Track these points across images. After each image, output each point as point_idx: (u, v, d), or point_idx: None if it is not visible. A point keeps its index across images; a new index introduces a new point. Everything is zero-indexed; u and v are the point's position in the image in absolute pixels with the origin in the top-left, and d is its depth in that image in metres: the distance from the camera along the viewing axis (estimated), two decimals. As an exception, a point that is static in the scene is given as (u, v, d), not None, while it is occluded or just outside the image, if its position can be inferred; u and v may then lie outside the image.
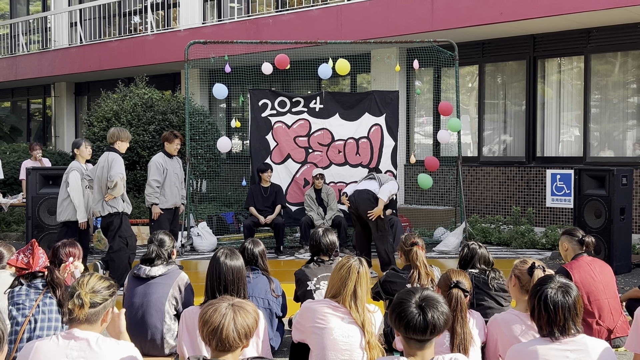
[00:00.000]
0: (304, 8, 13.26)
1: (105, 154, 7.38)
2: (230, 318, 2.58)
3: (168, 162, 8.62)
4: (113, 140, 7.43)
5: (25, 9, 21.11)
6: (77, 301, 3.00)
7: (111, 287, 3.16)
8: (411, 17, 11.42)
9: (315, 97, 10.78)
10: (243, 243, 4.96)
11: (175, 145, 8.63)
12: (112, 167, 7.17)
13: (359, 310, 3.82)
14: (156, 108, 12.41)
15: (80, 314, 3.01)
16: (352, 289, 3.83)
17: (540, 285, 3.17)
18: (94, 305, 3.04)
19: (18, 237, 11.41)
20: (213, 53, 10.64)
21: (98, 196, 7.35)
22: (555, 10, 9.99)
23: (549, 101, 11.77)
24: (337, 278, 3.90)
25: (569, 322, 3.06)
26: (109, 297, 3.12)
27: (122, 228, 7.34)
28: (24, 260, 4.07)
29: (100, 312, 3.07)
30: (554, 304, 3.06)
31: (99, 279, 3.13)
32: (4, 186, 12.93)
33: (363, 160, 10.80)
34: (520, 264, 4.06)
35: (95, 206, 7.40)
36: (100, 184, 7.29)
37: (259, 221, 9.92)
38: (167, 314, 4.57)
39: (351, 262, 3.90)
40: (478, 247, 4.71)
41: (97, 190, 7.36)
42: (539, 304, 3.10)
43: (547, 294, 3.09)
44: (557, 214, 11.18)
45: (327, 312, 3.84)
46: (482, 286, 4.56)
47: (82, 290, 3.03)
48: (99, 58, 16.15)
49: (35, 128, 21.17)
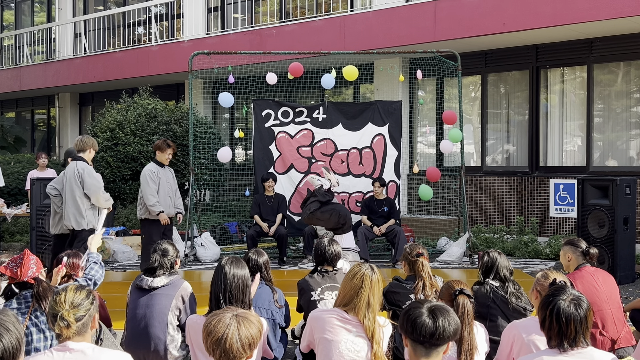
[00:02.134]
0: (307, 19, 13.32)
1: (73, 163, 7.21)
2: (234, 328, 2.58)
3: (160, 171, 8.32)
4: (81, 148, 7.28)
5: (30, 20, 21.22)
6: (63, 323, 3.01)
7: (90, 295, 3.16)
8: (414, 28, 11.46)
9: (319, 107, 10.81)
10: (247, 253, 4.97)
11: (167, 155, 8.33)
12: (86, 181, 7.06)
13: (371, 318, 3.80)
14: (160, 118, 12.45)
15: (69, 332, 3.02)
16: (366, 298, 3.81)
17: (552, 297, 3.14)
18: (79, 319, 3.05)
19: (22, 247, 11.42)
20: (217, 64, 10.68)
21: (70, 207, 7.11)
22: (557, 20, 10.03)
23: (552, 111, 11.79)
24: (349, 287, 3.87)
25: (579, 334, 3.05)
26: (91, 305, 3.12)
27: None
28: (13, 269, 4.04)
29: (87, 321, 3.09)
30: (566, 316, 3.03)
31: (74, 292, 3.12)
32: (7, 196, 12.97)
33: (366, 170, 10.81)
34: (543, 278, 4.03)
35: (67, 218, 7.14)
36: (72, 194, 7.08)
37: (262, 231, 9.92)
38: (170, 324, 4.57)
39: (364, 270, 3.87)
40: (498, 255, 4.67)
41: (69, 201, 7.11)
42: (551, 316, 3.07)
43: (560, 306, 3.06)
44: (560, 224, 11.17)
45: (336, 324, 3.82)
46: (498, 302, 4.51)
47: (62, 310, 3.02)
48: (103, 69, 16.22)
49: (40, 138, 21.24)
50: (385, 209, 10.18)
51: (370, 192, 10.43)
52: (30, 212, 8.80)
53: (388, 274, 9.13)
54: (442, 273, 8.91)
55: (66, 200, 7.16)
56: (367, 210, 10.25)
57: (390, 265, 9.77)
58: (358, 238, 9.84)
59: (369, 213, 10.22)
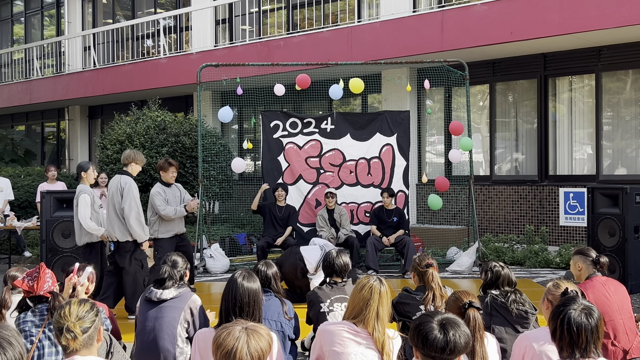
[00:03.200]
0: (314, 30, 13.37)
1: (118, 177, 7.31)
2: (244, 341, 2.58)
3: (167, 192, 8.24)
4: (127, 162, 7.36)
5: (40, 33, 21.40)
6: (69, 335, 3.02)
7: (93, 307, 3.18)
8: (421, 38, 11.48)
9: (327, 118, 10.82)
10: (256, 265, 4.96)
11: (170, 174, 8.21)
12: (125, 197, 7.10)
13: (381, 330, 3.79)
14: (169, 130, 12.50)
15: (75, 345, 3.03)
16: (375, 310, 3.80)
17: (563, 307, 3.12)
18: (85, 331, 3.06)
19: (32, 260, 11.48)
20: (225, 75, 10.73)
21: (114, 219, 7.21)
22: (565, 29, 10.02)
23: (561, 119, 11.76)
24: (358, 299, 3.86)
25: (590, 344, 3.02)
26: (95, 317, 3.14)
27: (137, 250, 7.31)
28: (29, 283, 4.08)
29: (93, 334, 3.10)
30: (577, 326, 3.01)
31: (78, 305, 3.14)
32: (18, 209, 13.03)
33: (375, 181, 10.81)
34: (554, 288, 4.00)
35: (112, 230, 7.23)
36: (115, 207, 7.20)
37: (272, 242, 9.92)
38: (179, 337, 4.57)
39: (372, 282, 3.87)
40: (502, 269, 4.64)
41: (112, 214, 7.23)
42: (562, 326, 3.05)
43: (571, 316, 3.04)
44: (570, 233, 11.11)
45: (345, 337, 3.80)
46: (500, 310, 4.49)
47: (68, 322, 3.04)
48: (112, 81, 16.32)
49: (50, 151, 21.36)
50: (394, 219, 10.16)
51: (379, 202, 10.42)
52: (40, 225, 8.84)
53: (397, 284, 9.11)
54: (452, 283, 8.88)
55: (109, 212, 7.25)
56: (376, 220, 10.24)
57: (400, 275, 9.75)
58: (367, 248, 9.83)
59: (378, 223, 10.21)
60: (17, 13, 22.18)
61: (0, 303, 4.42)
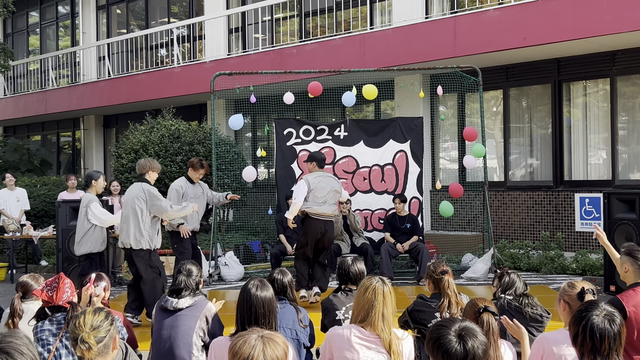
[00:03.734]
0: (327, 37, 13.40)
1: (138, 184, 7.28)
2: (260, 350, 2.58)
3: (189, 187, 8.49)
4: (145, 171, 7.39)
5: (55, 44, 21.61)
6: (84, 346, 3.03)
7: (109, 316, 3.19)
8: (434, 44, 11.47)
9: (340, 125, 10.83)
10: (271, 273, 4.97)
11: (198, 174, 8.57)
12: (154, 199, 7.17)
13: (387, 331, 3.80)
14: (183, 139, 12.56)
15: (90, 354, 3.05)
16: (380, 311, 3.81)
17: (585, 312, 3.08)
18: (100, 341, 3.08)
19: (49, 269, 11.56)
20: (238, 84, 10.78)
21: (131, 226, 7.20)
22: (579, 33, 9.97)
23: (576, 124, 11.69)
24: (363, 302, 3.87)
25: (612, 351, 2.98)
26: (110, 326, 3.15)
27: (153, 259, 7.33)
28: (48, 293, 4.11)
29: (108, 343, 3.12)
30: (600, 332, 2.97)
31: (93, 314, 3.15)
32: (34, 219, 13.14)
33: (388, 187, 10.79)
34: (569, 288, 3.95)
35: (127, 237, 7.22)
36: (135, 215, 7.17)
37: (286, 250, 9.93)
38: (194, 345, 4.58)
39: (374, 283, 3.88)
40: (517, 277, 4.65)
41: (132, 221, 7.18)
42: (584, 332, 3.01)
43: (593, 322, 3.00)
44: (587, 239, 11.03)
45: (355, 342, 3.81)
46: (514, 313, 4.47)
47: (83, 332, 3.05)
48: (127, 91, 16.43)
49: (65, 161, 21.53)
50: (407, 226, 10.14)
51: (392, 209, 10.40)
52: (56, 234, 8.90)
53: (412, 291, 9.08)
54: (467, 290, 8.83)
55: (126, 218, 7.21)
56: (389, 227, 10.22)
57: (414, 282, 9.72)
58: (381, 255, 9.80)
59: (391, 230, 10.19)
60: (32, 24, 22.42)
61: (11, 312, 4.45)
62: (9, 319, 4.42)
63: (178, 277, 4.75)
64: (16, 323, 4.39)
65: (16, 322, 4.39)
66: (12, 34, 22.92)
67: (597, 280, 8.84)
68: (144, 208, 7.15)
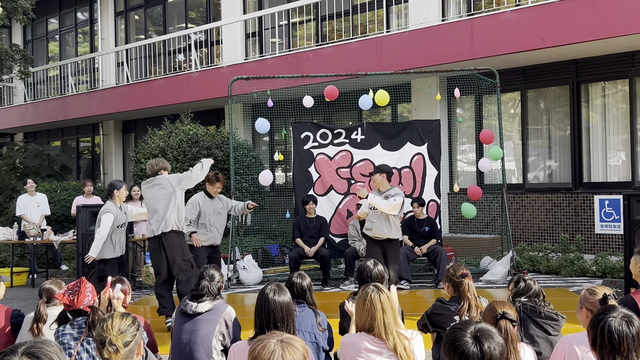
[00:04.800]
0: (343, 41, 13.42)
1: (160, 177, 7.37)
2: (279, 354, 2.60)
3: (207, 202, 8.49)
4: (157, 169, 7.45)
5: (74, 50, 21.84)
6: (111, 348, 3.08)
7: (135, 321, 3.24)
8: (451, 46, 11.44)
9: (357, 128, 10.84)
10: (290, 277, 4.98)
11: (215, 188, 8.50)
12: (179, 178, 7.34)
13: (389, 337, 3.86)
14: (201, 143, 12.64)
15: (117, 358, 3.09)
16: (382, 320, 3.87)
17: (602, 315, 3.09)
18: (127, 345, 3.12)
19: (69, 273, 11.67)
20: (256, 88, 10.83)
21: (162, 212, 7.21)
22: (596, 34, 9.91)
23: (594, 125, 11.61)
24: (364, 313, 3.93)
25: (632, 353, 3.00)
26: (136, 331, 3.20)
27: (185, 247, 7.33)
28: (70, 297, 4.16)
29: (133, 347, 3.16)
30: (618, 334, 2.98)
31: (120, 318, 3.20)
32: (55, 224, 13.28)
33: (406, 190, 10.76)
34: (590, 295, 3.95)
35: (150, 224, 7.32)
36: (165, 201, 7.20)
37: (304, 253, 9.95)
38: (214, 349, 4.61)
39: (370, 294, 3.93)
40: (533, 283, 4.64)
41: (160, 208, 7.21)
42: (602, 335, 3.02)
43: (611, 324, 3.01)
44: (606, 241, 10.94)
45: (367, 349, 3.86)
46: (529, 313, 4.48)
47: (111, 335, 3.09)
48: (145, 96, 16.57)
49: (85, 166, 21.73)
50: (426, 229, 10.12)
51: (410, 212, 10.39)
52: (76, 239, 8.99)
53: (431, 294, 9.06)
54: (486, 293, 8.80)
55: (155, 208, 7.28)
56: (408, 231, 10.20)
57: (433, 285, 9.70)
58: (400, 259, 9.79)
59: (409, 233, 10.17)
60: (52, 31, 22.68)
61: (36, 317, 4.51)
62: (34, 324, 4.47)
63: (201, 282, 4.78)
64: (40, 328, 4.44)
65: (40, 327, 4.45)
66: (32, 41, 23.19)
67: (617, 282, 8.76)
68: (173, 192, 7.23)
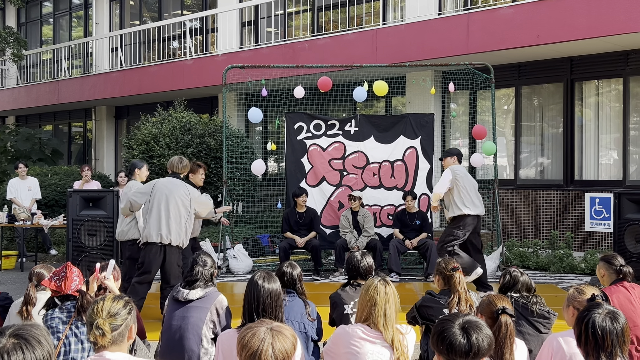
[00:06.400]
0: (339, 32, 13.38)
1: (181, 183, 7.14)
2: (269, 342, 2.60)
3: None
4: (184, 171, 7.31)
5: (68, 34, 21.69)
6: (98, 331, 3.04)
7: (127, 304, 3.18)
8: (446, 41, 11.44)
9: (351, 120, 10.83)
10: (281, 266, 4.99)
11: (200, 176, 8.15)
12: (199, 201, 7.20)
13: (389, 329, 3.88)
14: (194, 131, 12.59)
15: (104, 341, 3.05)
16: (382, 309, 3.89)
17: (587, 311, 3.13)
18: (115, 329, 3.08)
19: (59, 258, 11.63)
20: (250, 77, 10.79)
21: (175, 224, 6.95)
22: (592, 32, 9.92)
23: (587, 124, 11.64)
24: (366, 301, 3.95)
25: (616, 348, 3.03)
26: (128, 315, 3.15)
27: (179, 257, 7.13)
28: (57, 283, 4.13)
29: (123, 331, 3.11)
30: (602, 330, 3.02)
31: (112, 301, 3.15)
32: (45, 208, 13.21)
33: (398, 183, 10.79)
34: (578, 294, 3.98)
35: (167, 233, 6.98)
36: (179, 212, 6.97)
37: (294, 243, 9.95)
38: (204, 337, 4.60)
39: (376, 283, 3.97)
40: (520, 274, 4.66)
41: (173, 217, 6.94)
42: (586, 330, 3.06)
43: (595, 320, 3.05)
44: (596, 239, 11.00)
45: (360, 337, 3.88)
46: (521, 310, 4.50)
47: (99, 318, 3.06)
48: (139, 82, 16.48)
49: (76, 151, 21.62)
50: (417, 222, 10.14)
51: (402, 205, 10.40)
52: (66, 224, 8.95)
53: (420, 287, 9.09)
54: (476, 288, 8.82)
55: (168, 214, 6.96)
56: (399, 224, 10.23)
57: (422, 279, 9.72)
58: (390, 251, 9.82)
59: (401, 226, 10.19)
60: (46, 14, 22.51)
61: (26, 300, 4.49)
62: (23, 307, 4.46)
63: (195, 267, 4.77)
64: (30, 311, 4.43)
65: (30, 309, 4.43)
66: (25, 24, 23.02)
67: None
68: (189, 207, 7.01)
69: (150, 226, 6.88)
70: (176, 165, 7.25)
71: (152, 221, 6.89)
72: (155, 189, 7.01)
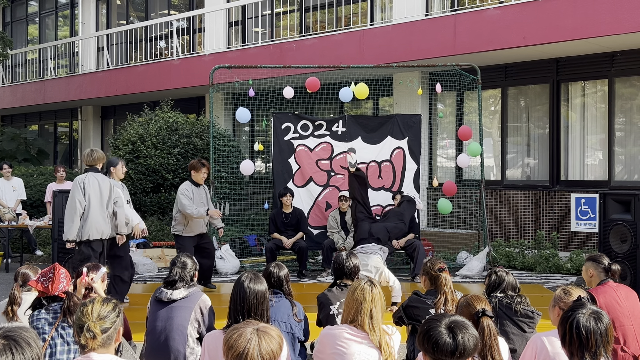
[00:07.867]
0: (327, 33, 13.38)
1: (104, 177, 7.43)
2: (255, 343, 2.59)
3: (195, 190, 8.47)
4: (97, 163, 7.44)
5: (54, 34, 21.55)
6: (89, 334, 3.04)
7: (116, 307, 3.20)
8: (433, 41, 11.47)
9: (338, 121, 10.83)
10: (267, 267, 4.98)
11: (202, 174, 8.44)
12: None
13: (376, 331, 3.88)
14: (181, 131, 12.55)
15: (94, 344, 3.05)
16: (368, 311, 3.90)
17: (571, 312, 3.15)
18: (105, 331, 3.09)
19: (44, 259, 11.55)
20: (237, 77, 10.76)
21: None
22: (578, 34, 9.98)
23: (573, 124, 11.71)
24: (352, 302, 3.95)
25: (600, 348, 3.05)
26: (117, 318, 3.16)
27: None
28: (44, 284, 4.11)
29: (112, 334, 3.13)
30: (586, 330, 3.04)
31: (101, 304, 3.16)
32: (30, 208, 13.12)
33: (385, 184, 10.80)
34: (565, 295, 3.99)
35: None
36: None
37: (281, 244, 9.93)
38: (190, 337, 4.59)
39: (363, 285, 3.97)
40: (505, 274, 4.68)
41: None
42: (571, 331, 3.08)
43: (579, 320, 3.07)
44: (581, 239, 11.06)
45: (347, 338, 3.88)
46: (505, 310, 4.52)
47: (89, 321, 3.06)
48: (125, 82, 16.40)
49: (62, 151, 21.49)
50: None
51: (389, 205, 10.41)
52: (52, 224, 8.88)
53: (407, 287, 9.10)
54: (462, 287, 8.86)
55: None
56: (386, 224, 10.22)
57: (409, 279, 9.74)
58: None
59: (388, 226, 10.19)
60: (31, 13, 22.35)
61: (11, 300, 4.46)
62: (8, 307, 4.43)
63: (173, 269, 4.77)
64: (15, 311, 4.39)
65: (15, 309, 4.40)
66: (11, 23, 22.85)
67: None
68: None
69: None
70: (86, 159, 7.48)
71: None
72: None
